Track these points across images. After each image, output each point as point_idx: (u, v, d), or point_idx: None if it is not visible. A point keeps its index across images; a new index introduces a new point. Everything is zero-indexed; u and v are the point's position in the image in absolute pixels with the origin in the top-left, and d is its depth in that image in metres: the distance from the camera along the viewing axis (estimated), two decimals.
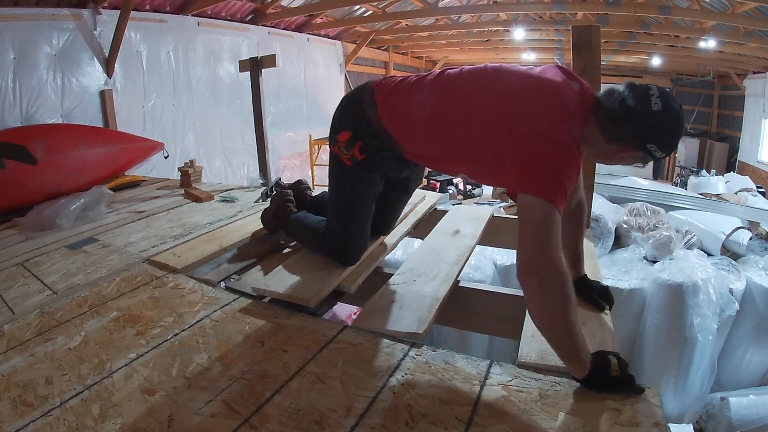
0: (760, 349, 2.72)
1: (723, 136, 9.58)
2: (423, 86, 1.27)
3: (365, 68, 8.53)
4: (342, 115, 1.40)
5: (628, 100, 0.99)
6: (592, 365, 0.93)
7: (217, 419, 0.89)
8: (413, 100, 1.27)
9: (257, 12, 5.49)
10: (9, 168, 2.40)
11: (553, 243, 0.94)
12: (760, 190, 6.08)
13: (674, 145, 1.01)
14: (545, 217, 0.95)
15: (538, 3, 5.76)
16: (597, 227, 2.96)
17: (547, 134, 1.00)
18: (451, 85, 1.22)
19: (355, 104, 1.35)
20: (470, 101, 1.16)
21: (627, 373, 0.94)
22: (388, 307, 1.30)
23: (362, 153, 1.34)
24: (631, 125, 0.99)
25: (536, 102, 1.05)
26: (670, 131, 1.00)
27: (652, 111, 0.97)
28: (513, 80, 1.13)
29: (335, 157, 1.42)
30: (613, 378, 0.92)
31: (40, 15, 3.37)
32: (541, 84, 1.09)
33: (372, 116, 1.31)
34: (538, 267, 0.93)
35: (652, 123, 0.98)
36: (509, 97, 1.10)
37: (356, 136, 1.33)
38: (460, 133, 1.18)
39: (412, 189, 1.63)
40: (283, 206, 1.82)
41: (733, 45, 6.25)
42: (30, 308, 1.36)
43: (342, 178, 1.44)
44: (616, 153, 1.05)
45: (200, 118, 4.91)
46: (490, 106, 1.12)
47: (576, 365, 0.94)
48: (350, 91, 1.43)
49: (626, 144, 1.02)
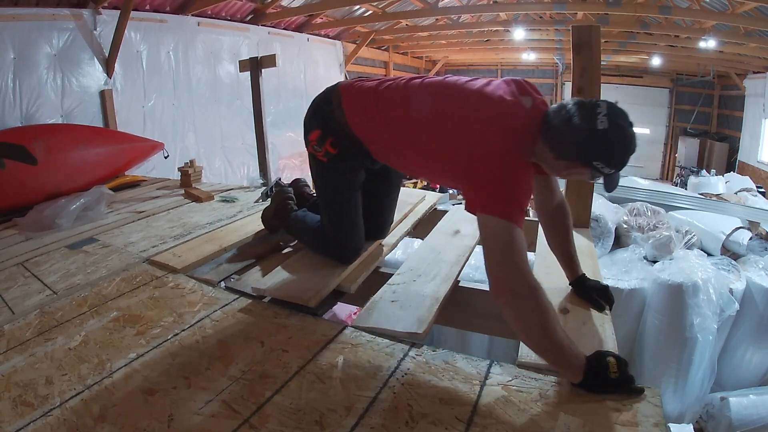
0: (760, 349, 2.72)
1: (723, 136, 9.58)
2: (387, 98, 1.30)
3: (365, 68, 8.53)
4: (312, 116, 1.45)
5: (574, 119, 0.99)
6: (588, 368, 0.93)
7: (217, 419, 0.89)
8: (376, 110, 1.31)
9: (257, 12, 5.49)
10: (9, 168, 2.40)
11: (519, 258, 0.97)
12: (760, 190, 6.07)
13: (622, 162, 1.00)
14: (507, 236, 0.98)
15: (538, 3, 5.77)
16: (597, 227, 2.95)
17: (497, 155, 1.02)
18: (413, 102, 1.24)
19: (324, 106, 1.41)
20: (425, 122, 1.20)
21: (627, 374, 0.94)
22: (388, 307, 1.30)
23: (334, 147, 1.38)
24: (577, 143, 1.00)
25: (485, 124, 1.07)
26: (616, 149, 0.99)
27: (597, 129, 0.97)
28: (464, 101, 1.15)
29: (313, 157, 1.46)
30: (612, 380, 0.92)
31: (40, 15, 3.37)
32: (490, 105, 1.10)
33: (339, 118, 1.36)
34: (509, 284, 0.97)
35: (597, 141, 0.98)
36: (460, 119, 1.12)
37: (325, 133, 1.38)
38: (416, 150, 1.24)
39: (395, 178, 1.63)
40: (284, 204, 1.82)
41: (733, 45, 6.25)
42: (30, 308, 1.36)
43: (322, 174, 1.49)
44: (565, 169, 1.06)
45: (200, 118, 4.91)
46: (442, 128, 1.15)
47: (568, 371, 0.95)
48: (319, 93, 1.47)
49: (573, 161, 1.02)
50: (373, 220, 1.62)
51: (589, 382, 0.93)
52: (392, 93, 1.30)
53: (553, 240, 1.37)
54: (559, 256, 1.37)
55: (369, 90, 1.34)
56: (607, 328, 1.18)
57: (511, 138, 1.04)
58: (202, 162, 3.92)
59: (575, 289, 1.34)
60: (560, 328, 0.95)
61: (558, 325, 0.95)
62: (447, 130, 1.14)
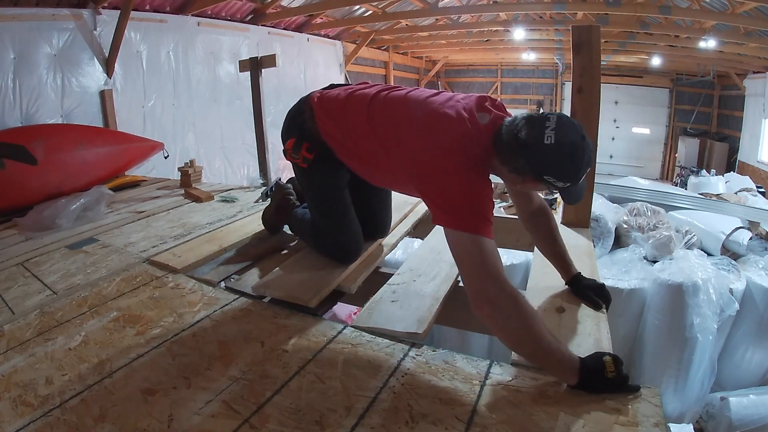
0: (760, 349, 2.72)
1: (723, 136, 9.57)
2: (351, 112, 1.31)
3: (365, 68, 8.53)
4: (288, 127, 1.48)
5: (521, 134, 1.00)
6: (585, 369, 0.93)
7: (217, 419, 0.89)
8: (342, 122, 1.34)
9: (257, 12, 5.49)
10: (9, 168, 2.40)
11: (493, 270, 0.98)
12: (760, 190, 6.07)
13: (572, 176, 1.00)
14: (476, 248, 0.99)
15: (538, 3, 5.76)
16: (597, 227, 2.96)
17: (450, 173, 1.03)
18: (374, 119, 1.25)
19: (298, 116, 1.44)
20: (387, 138, 1.22)
21: (623, 374, 0.94)
22: (388, 307, 1.30)
23: (310, 152, 1.41)
24: (525, 158, 1.00)
25: (437, 143, 1.07)
26: (564, 164, 0.99)
27: (543, 144, 0.97)
28: (419, 123, 1.15)
29: (294, 165, 1.48)
30: (610, 380, 0.92)
31: (40, 15, 3.37)
32: (443, 124, 1.09)
33: (311, 127, 1.39)
34: (487, 295, 0.97)
35: (543, 156, 0.98)
36: (414, 139, 1.13)
37: (300, 139, 1.41)
38: (382, 164, 1.28)
39: None
40: (285, 200, 1.82)
41: (733, 45, 6.25)
42: (30, 308, 1.36)
43: (305, 179, 1.51)
44: (520, 183, 1.07)
45: (200, 118, 4.90)
46: (400, 148, 1.17)
47: (561, 374, 0.95)
48: (293, 105, 1.50)
49: (524, 175, 1.03)
50: (370, 219, 1.62)
51: (586, 383, 0.93)
52: (358, 106, 1.30)
53: (540, 244, 1.40)
54: (550, 257, 1.38)
55: (338, 101, 1.35)
56: (603, 327, 1.17)
57: (462, 155, 1.04)
58: (202, 162, 3.92)
59: (571, 289, 1.35)
60: (547, 332, 0.95)
61: (544, 330, 0.95)
62: (404, 148, 1.16)
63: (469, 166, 1.04)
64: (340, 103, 1.35)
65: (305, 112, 1.41)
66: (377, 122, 1.25)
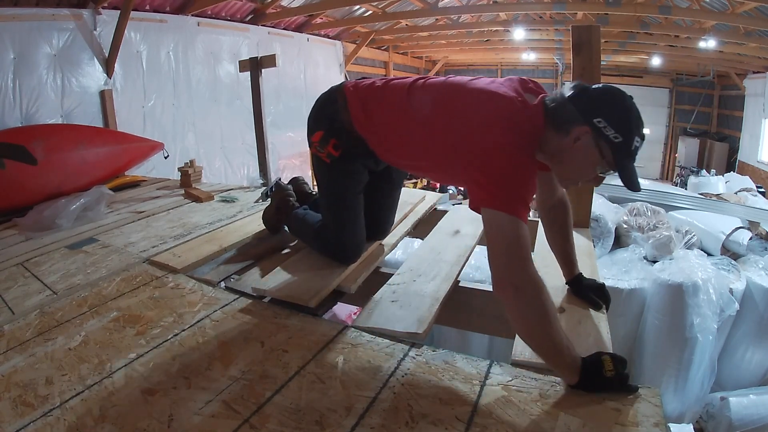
0: (760, 349, 2.72)
1: (723, 136, 9.58)
2: (390, 97, 1.30)
3: (365, 68, 8.53)
4: (316, 116, 1.44)
5: (568, 88, 1.03)
6: (584, 369, 0.93)
7: (217, 419, 0.89)
8: (380, 109, 1.31)
9: (257, 12, 5.49)
10: (9, 168, 2.40)
11: (525, 254, 0.96)
12: (760, 190, 6.07)
13: (624, 122, 0.97)
14: (513, 231, 0.96)
15: (538, 3, 5.77)
16: (597, 227, 2.95)
17: (502, 151, 1.01)
18: (415, 100, 1.24)
19: (329, 105, 1.40)
20: (430, 121, 1.19)
21: (622, 373, 0.93)
22: (388, 307, 1.30)
23: (337, 150, 1.38)
24: (573, 104, 1.00)
25: (490, 120, 1.05)
26: (615, 105, 0.98)
27: (591, 89, 1.00)
28: (468, 98, 1.14)
29: (316, 157, 1.46)
30: (608, 378, 0.92)
31: (40, 15, 3.37)
32: (494, 101, 1.08)
33: (344, 117, 1.35)
34: (513, 279, 0.95)
35: (592, 98, 0.99)
36: (464, 116, 1.11)
37: (329, 134, 1.38)
38: (423, 149, 1.23)
39: (397, 179, 1.63)
40: (285, 201, 1.82)
41: (733, 45, 6.25)
42: (30, 308, 1.36)
43: (325, 175, 1.49)
44: (570, 143, 1.02)
45: (200, 118, 4.91)
46: (447, 126, 1.14)
47: (564, 372, 0.95)
48: (324, 93, 1.46)
49: (573, 125, 1.00)
50: (374, 221, 1.62)
51: (585, 383, 0.93)
52: (397, 93, 1.29)
53: (552, 237, 1.37)
54: (558, 253, 1.36)
55: (375, 89, 1.34)
56: (603, 327, 1.18)
57: (516, 133, 1.02)
58: (202, 162, 3.92)
59: (572, 288, 1.35)
60: (561, 329, 0.95)
61: (559, 326, 0.94)
62: (451, 128, 1.13)
63: (522, 145, 1.02)
64: (377, 90, 1.33)
65: (337, 101, 1.37)
66: (419, 104, 1.22)
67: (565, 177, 1.12)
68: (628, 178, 1.02)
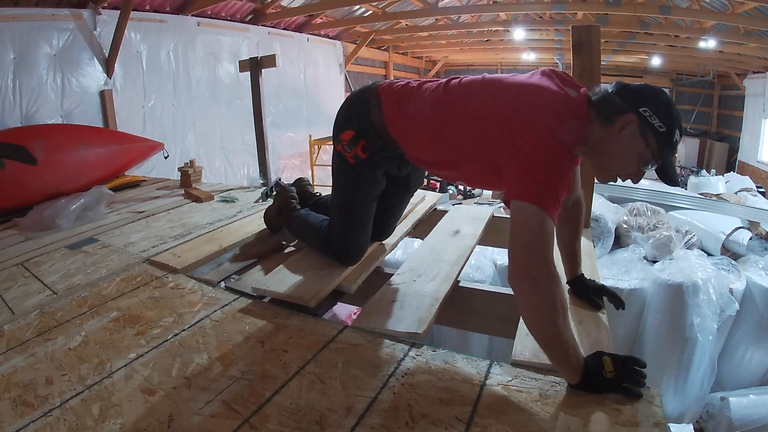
0: (760, 349, 2.72)
1: (723, 136, 9.58)
2: (426, 94, 1.28)
3: (365, 68, 8.53)
4: (348, 114, 1.41)
5: (614, 86, 1.06)
6: (585, 369, 0.93)
7: (217, 419, 0.89)
8: (416, 107, 1.28)
9: (257, 12, 5.50)
10: (9, 168, 2.40)
11: (547, 248, 0.96)
12: (760, 190, 6.08)
13: (667, 113, 0.99)
14: (540, 224, 0.96)
15: (538, 3, 5.77)
16: (597, 227, 2.96)
17: (543, 139, 1.00)
18: (453, 96, 1.23)
19: (361, 104, 1.37)
20: (470, 114, 1.18)
21: (624, 372, 0.93)
22: (388, 307, 1.30)
23: (365, 152, 1.36)
24: (619, 96, 1.03)
25: (531, 114, 1.05)
26: (658, 97, 1.01)
27: (632, 85, 1.04)
28: (509, 93, 1.13)
29: (339, 155, 1.43)
30: (608, 380, 0.92)
31: (40, 15, 3.37)
32: (535, 92, 1.08)
33: (376, 118, 1.33)
34: (532, 271, 0.94)
35: (636, 90, 1.03)
36: (505, 110, 1.10)
37: (359, 135, 1.35)
38: (460, 143, 1.20)
39: (413, 187, 1.62)
40: (287, 203, 1.82)
41: (733, 45, 6.25)
42: (30, 308, 1.36)
43: (346, 175, 1.46)
44: (616, 132, 1.02)
45: (200, 118, 4.91)
46: (488, 119, 1.13)
47: (567, 371, 0.95)
48: (355, 91, 1.45)
49: (620, 114, 1.01)
50: (382, 224, 1.62)
51: (586, 383, 0.93)
52: (433, 91, 1.27)
53: (562, 234, 1.35)
54: (565, 252, 1.36)
55: (410, 89, 1.33)
56: (603, 327, 1.18)
57: (560, 124, 1.01)
58: (202, 162, 3.92)
59: (572, 288, 1.35)
60: (570, 327, 0.95)
61: (569, 324, 0.95)
62: (491, 120, 1.12)
63: (564, 137, 1.01)
64: (412, 89, 1.32)
65: (370, 100, 1.35)
66: (458, 99, 1.21)
67: (607, 168, 1.10)
68: (670, 170, 1.02)
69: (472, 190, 8.29)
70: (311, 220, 1.66)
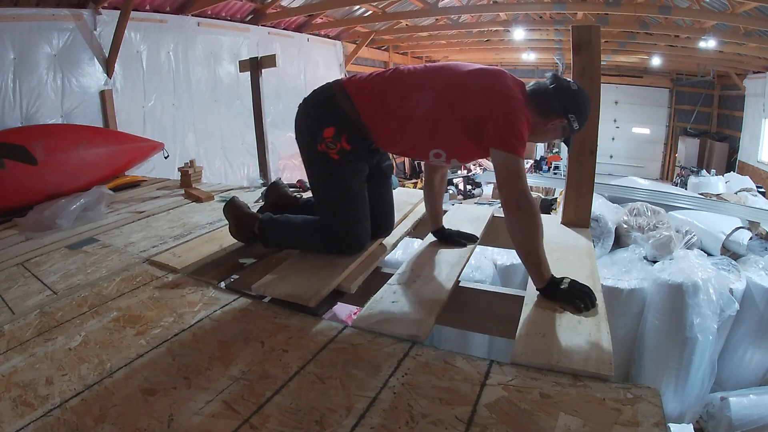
0: (760, 349, 2.72)
1: (723, 136, 9.58)
2: (393, 80, 1.44)
3: (365, 68, 8.52)
4: (317, 115, 1.48)
5: (553, 82, 1.33)
6: (549, 280, 1.28)
7: (217, 419, 0.89)
8: (384, 94, 1.44)
9: (257, 12, 5.49)
10: (9, 168, 2.40)
11: (525, 183, 1.26)
12: (760, 190, 6.07)
13: (584, 119, 1.34)
14: (518, 167, 1.27)
15: (538, 3, 5.77)
16: (597, 227, 2.96)
17: (510, 102, 1.29)
18: (420, 77, 1.43)
19: (328, 101, 1.46)
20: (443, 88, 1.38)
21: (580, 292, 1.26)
22: (389, 308, 1.30)
23: (349, 143, 1.44)
24: (558, 99, 1.32)
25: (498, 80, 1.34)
26: (584, 104, 1.34)
27: (572, 89, 1.33)
28: (473, 67, 1.40)
29: (321, 155, 1.47)
30: (563, 290, 1.26)
31: (40, 15, 3.37)
32: (497, 69, 1.39)
33: (348, 109, 1.43)
34: (520, 203, 1.25)
35: (571, 96, 1.32)
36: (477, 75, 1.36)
37: (340, 129, 1.43)
38: (436, 113, 1.38)
39: (386, 171, 1.70)
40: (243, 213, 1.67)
41: (733, 45, 6.25)
42: (30, 308, 1.37)
43: (332, 173, 1.49)
44: (547, 124, 1.34)
45: (200, 118, 4.90)
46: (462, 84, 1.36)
47: (537, 277, 1.29)
48: (314, 92, 1.53)
49: (554, 115, 1.33)
50: (379, 213, 1.64)
51: (547, 288, 1.28)
52: (403, 73, 1.44)
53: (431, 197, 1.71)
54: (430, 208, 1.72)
55: (374, 78, 1.47)
56: (603, 327, 1.17)
57: (519, 92, 1.32)
58: (202, 162, 3.92)
59: (437, 236, 1.74)
60: (543, 246, 1.28)
61: (542, 243, 1.28)
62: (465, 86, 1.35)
63: (520, 97, 1.31)
64: (377, 78, 1.46)
65: (336, 95, 1.45)
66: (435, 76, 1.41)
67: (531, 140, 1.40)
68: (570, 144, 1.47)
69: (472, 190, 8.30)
70: (297, 221, 1.61)
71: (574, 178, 1.93)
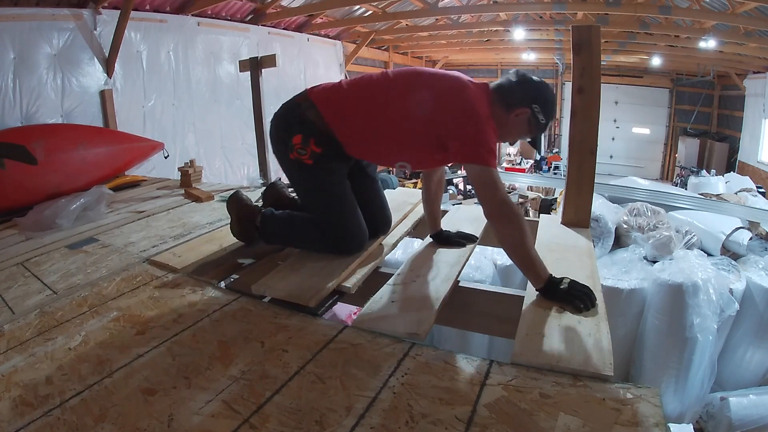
0: (760, 349, 2.72)
1: (723, 136, 9.58)
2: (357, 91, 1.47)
3: (365, 68, 8.52)
4: (285, 126, 1.51)
5: (516, 77, 1.39)
6: (548, 280, 1.28)
7: (217, 419, 0.89)
8: (350, 102, 1.46)
9: (257, 12, 5.49)
10: (9, 168, 2.40)
11: (503, 191, 1.30)
12: (760, 190, 6.06)
13: (551, 111, 1.38)
14: (493, 178, 1.29)
15: (538, 3, 5.77)
16: (597, 227, 2.95)
17: (474, 116, 1.32)
18: (384, 88, 1.46)
19: (294, 110, 1.49)
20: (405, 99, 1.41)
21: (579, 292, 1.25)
22: (388, 307, 1.30)
23: (318, 146, 1.45)
24: (521, 90, 1.37)
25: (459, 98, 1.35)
26: (548, 96, 1.39)
27: (534, 80, 1.39)
28: (434, 80, 1.42)
29: (296, 163, 1.48)
30: (562, 290, 1.26)
31: (40, 15, 3.37)
32: (457, 81, 1.40)
33: (314, 117, 1.45)
34: (502, 211, 1.29)
35: (535, 87, 1.37)
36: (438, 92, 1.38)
37: (306, 135, 1.45)
38: (400, 127, 1.42)
39: (371, 171, 1.71)
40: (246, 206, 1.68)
41: (733, 45, 6.25)
42: (30, 308, 1.37)
43: (310, 179, 1.52)
44: (513, 116, 1.37)
45: (200, 118, 4.91)
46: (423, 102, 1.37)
47: (534, 278, 1.30)
48: (280, 109, 1.55)
49: (519, 105, 1.36)
50: (371, 214, 1.63)
51: (547, 288, 1.28)
52: (370, 84, 1.47)
53: (429, 200, 1.72)
54: (429, 212, 1.73)
55: (342, 87, 1.49)
56: (603, 327, 1.17)
57: (480, 103, 1.35)
58: (202, 162, 3.92)
59: (436, 240, 1.73)
60: (534, 247, 1.31)
61: (533, 244, 1.32)
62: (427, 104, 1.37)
63: (485, 110, 1.35)
64: (346, 90, 1.48)
65: (301, 104, 1.48)
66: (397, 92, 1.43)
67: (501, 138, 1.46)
68: (538, 144, 1.51)
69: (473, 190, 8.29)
70: (300, 219, 1.60)
71: (574, 178, 1.93)
